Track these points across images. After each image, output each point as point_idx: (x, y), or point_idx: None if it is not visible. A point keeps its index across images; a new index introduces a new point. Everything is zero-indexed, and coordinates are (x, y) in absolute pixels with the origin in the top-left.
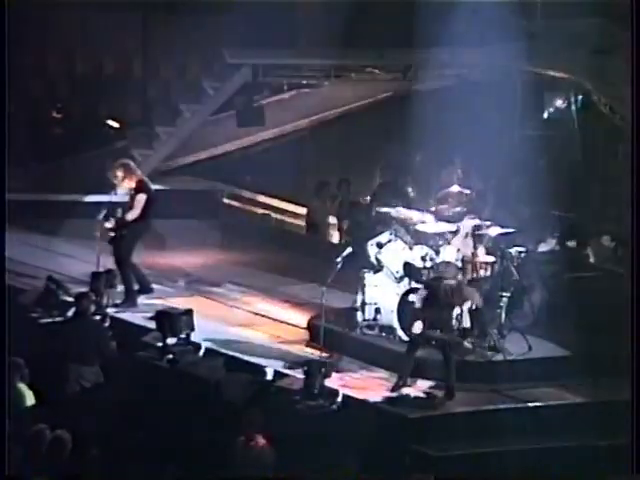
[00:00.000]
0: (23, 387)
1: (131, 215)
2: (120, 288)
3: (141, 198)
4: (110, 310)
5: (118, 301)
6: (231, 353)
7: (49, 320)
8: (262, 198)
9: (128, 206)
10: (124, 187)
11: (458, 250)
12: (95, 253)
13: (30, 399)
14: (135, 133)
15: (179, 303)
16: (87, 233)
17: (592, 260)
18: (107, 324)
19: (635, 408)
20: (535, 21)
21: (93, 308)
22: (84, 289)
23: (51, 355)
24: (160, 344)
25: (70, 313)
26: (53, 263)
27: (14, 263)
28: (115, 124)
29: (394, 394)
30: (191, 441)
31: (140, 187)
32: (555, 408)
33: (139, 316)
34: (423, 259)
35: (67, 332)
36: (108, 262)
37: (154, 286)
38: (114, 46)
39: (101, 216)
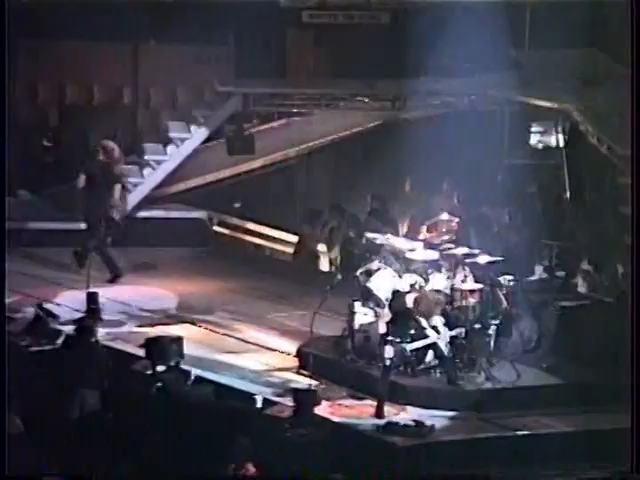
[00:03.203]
0: (13, 417)
1: None
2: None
3: None
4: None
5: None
6: (221, 381)
7: (38, 348)
8: (252, 226)
9: None
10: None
11: (447, 278)
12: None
13: (19, 428)
14: (126, 161)
15: (169, 331)
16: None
17: (580, 289)
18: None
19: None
20: (523, 51)
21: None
22: (77, 315)
23: (54, 379)
24: (150, 372)
25: (60, 340)
26: (43, 291)
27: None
28: None
29: (382, 422)
30: (181, 469)
31: None
32: (544, 437)
33: (129, 344)
34: (412, 287)
35: (72, 354)
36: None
37: (146, 314)
38: (105, 75)
39: (91, 243)
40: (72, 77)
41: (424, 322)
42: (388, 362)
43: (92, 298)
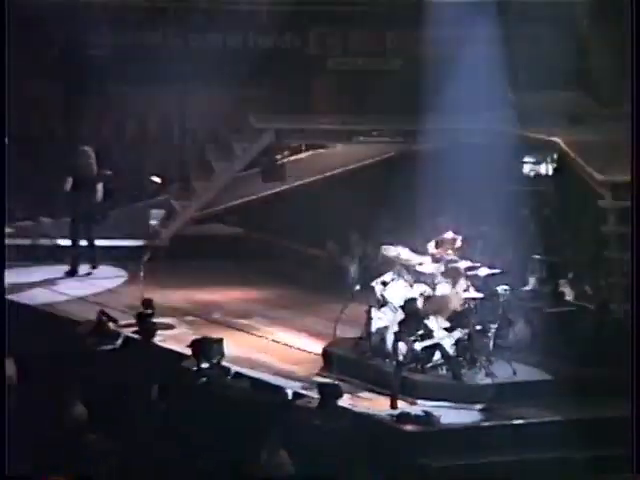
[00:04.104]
0: (80, 406)
1: None
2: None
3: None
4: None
5: None
6: (256, 376)
7: (102, 348)
8: (284, 242)
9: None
10: None
11: (451, 287)
12: (139, 291)
13: (83, 416)
14: (175, 188)
15: (212, 333)
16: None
17: (567, 297)
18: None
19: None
20: (519, 93)
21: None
22: (132, 319)
23: (115, 376)
24: (195, 368)
25: (119, 341)
26: (105, 299)
27: (75, 301)
28: (158, 180)
29: (396, 412)
30: (222, 452)
31: None
32: (537, 425)
33: (178, 344)
34: (421, 295)
35: (130, 353)
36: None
37: (191, 318)
38: (157, 115)
39: (146, 257)
40: (130, 118)
41: (432, 324)
42: (401, 357)
43: (147, 304)
